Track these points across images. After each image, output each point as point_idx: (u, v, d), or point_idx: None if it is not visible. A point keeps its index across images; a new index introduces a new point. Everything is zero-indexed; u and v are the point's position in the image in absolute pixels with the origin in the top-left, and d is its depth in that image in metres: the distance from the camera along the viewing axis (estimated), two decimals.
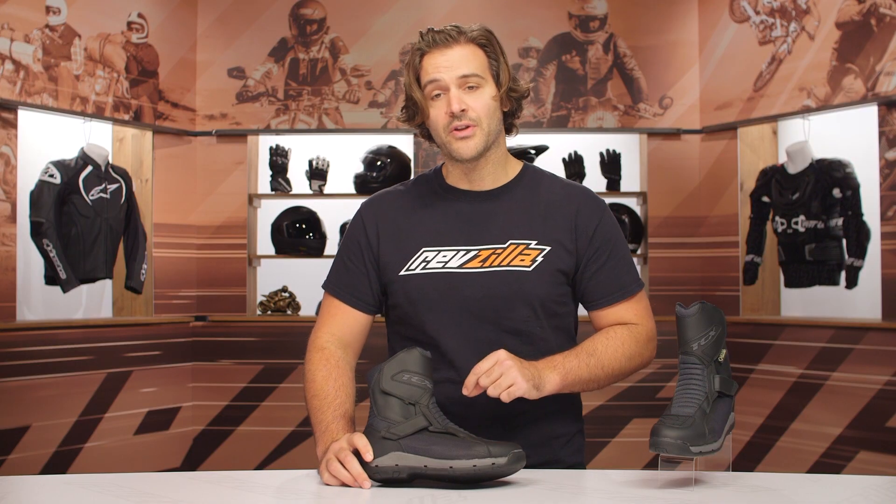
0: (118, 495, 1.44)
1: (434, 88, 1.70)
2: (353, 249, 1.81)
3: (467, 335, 1.71)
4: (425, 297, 1.72)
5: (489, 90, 1.71)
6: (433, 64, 1.70)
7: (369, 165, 4.77)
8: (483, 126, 1.70)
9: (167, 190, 4.81)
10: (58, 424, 4.15)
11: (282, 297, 4.86)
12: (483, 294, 1.70)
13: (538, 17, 4.91)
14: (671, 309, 1.58)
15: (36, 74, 4.18)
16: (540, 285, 1.71)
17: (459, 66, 1.69)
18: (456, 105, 1.68)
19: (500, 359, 1.55)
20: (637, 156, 4.99)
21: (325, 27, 4.95)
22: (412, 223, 1.78)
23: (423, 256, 1.74)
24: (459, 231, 1.75)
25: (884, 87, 4.02)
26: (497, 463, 1.45)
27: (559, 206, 1.76)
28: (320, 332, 1.79)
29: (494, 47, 1.73)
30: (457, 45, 1.70)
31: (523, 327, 1.72)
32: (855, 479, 1.59)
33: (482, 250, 1.73)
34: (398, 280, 1.75)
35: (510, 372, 1.53)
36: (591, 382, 1.67)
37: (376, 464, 1.47)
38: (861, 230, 4.14)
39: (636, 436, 4.56)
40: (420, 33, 1.74)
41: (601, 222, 1.76)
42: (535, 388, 1.56)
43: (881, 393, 3.90)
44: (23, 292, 4.27)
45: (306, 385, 1.72)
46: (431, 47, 1.71)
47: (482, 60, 1.71)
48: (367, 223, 1.81)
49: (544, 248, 1.73)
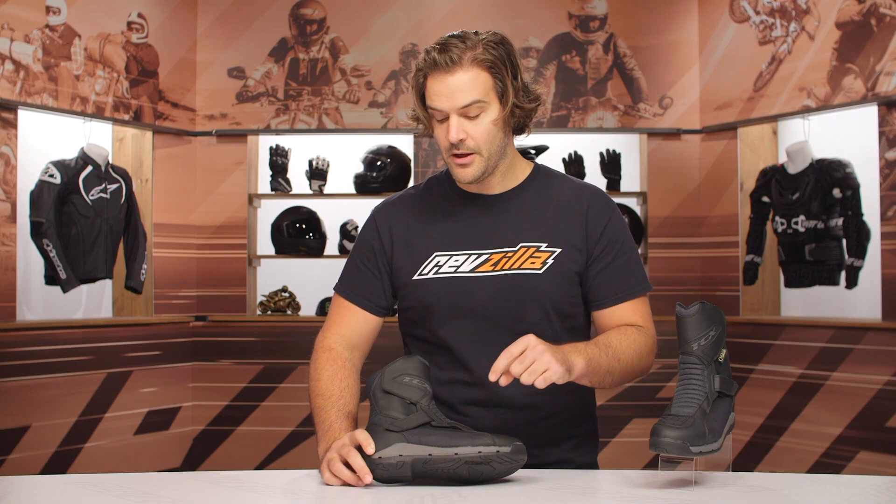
0: (118, 495, 1.44)
1: (436, 113, 1.68)
2: (366, 253, 1.82)
3: (480, 339, 1.71)
4: (437, 301, 1.73)
5: (492, 113, 1.67)
6: (434, 91, 1.66)
7: (369, 165, 4.77)
8: (483, 153, 1.69)
9: (167, 190, 4.81)
10: (58, 424, 4.15)
11: (282, 297, 4.86)
12: (495, 298, 1.71)
13: (538, 17, 4.91)
14: (671, 309, 1.58)
15: (36, 74, 4.18)
16: (551, 287, 1.72)
17: (459, 96, 1.64)
18: (454, 135, 1.66)
19: (530, 343, 1.50)
20: (637, 156, 4.99)
21: (325, 27, 4.95)
22: (424, 228, 1.78)
23: (435, 261, 1.75)
24: (471, 235, 1.75)
25: (884, 87, 4.02)
26: (501, 451, 1.46)
27: (570, 206, 1.76)
28: (329, 333, 1.79)
29: (501, 65, 1.65)
30: (459, 69, 1.64)
31: (536, 330, 1.71)
32: (855, 479, 1.59)
33: (493, 254, 1.73)
34: (411, 284, 1.76)
35: (543, 356, 1.49)
36: (608, 375, 1.64)
37: (379, 455, 1.47)
38: (861, 230, 4.14)
39: (636, 436, 4.56)
40: (425, 50, 1.68)
41: (610, 221, 1.76)
42: (567, 371, 1.52)
43: (881, 393, 3.90)
44: (23, 292, 4.27)
45: (311, 383, 1.72)
46: (434, 70, 1.65)
47: (485, 83, 1.65)
48: (380, 227, 1.81)
49: (555, 250, 1.73)
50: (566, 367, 1.52)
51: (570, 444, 1.78)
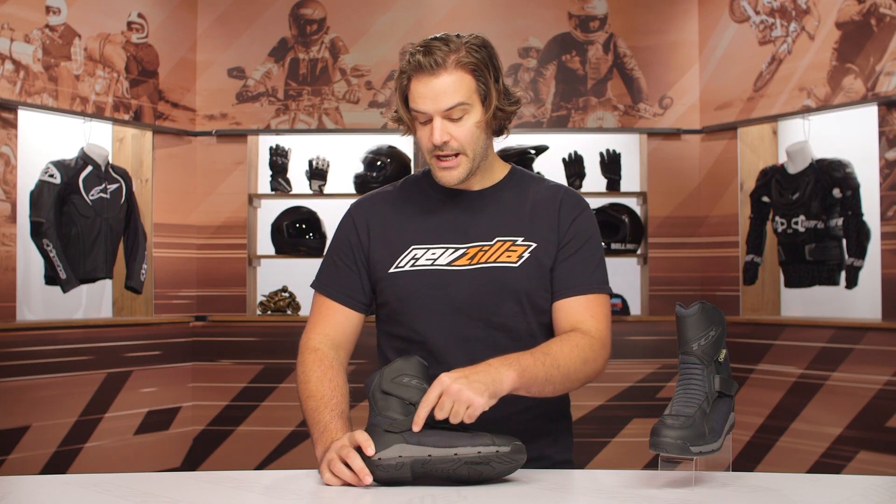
0: (118, 495, 1.44)
1: (420, 116, 1.70)
2: (343, 249, 1.82)
3: (456, 332, 1.72)
4: (414, 294, 1.74)
5: (475, 115, 1.69)
6: (418, 93, 1.68)
7: (369, 165, 4.77)
8: (468, 154, 1.71)
9: (167, 190, 4.81)
10: (58, 424, 4.15)
11: (282, 297, 4.86)
12: (471, 291, 1.72)
13: (538, 17, 4.91)
14: (671, 309, 1.58)
15: (36, 74, 4.18)
16: (526, 280, 1.73)
17: (443, 99, 1.66)
18: (438, 137, 1.68)
19: (444, 385, 1.48)
20: (637, 156, 4.99)
21: (325, 27, 4.95)
22: (401, 221, 1.80)
23: (412, 254, 1.76)
24: (448, 229, 1.77)
25: (884, 87, 4.02)
26: (501, 451, 1.46)
27: (545, 203, 1.79)
28: (312, 334, 1.80)
29: (484, 67, 1.68)
30: (443, 72, 1.65)
31: (511, 323, 1.73)
32: (855, 479, 1.59)
33: (470, 248, 1.75)
34: (387, 278, 1.77)
35: (461, 395, 1.47)
36: (548, 384, 1.61)
37: (379, 457, 1.47)
38: (861, 230, 4.14)
39: (636, 436, 4.56)
40: (408, 53, 1.70)
41: (579, 216, 1.78)
42: (491, 396, 1.50)
43: (881, 393, 3.90)
44: (23, 292, 4.27)
45: (300, 387, 1.73)
46: (418, 72, 1.67)
47: (469, 86, 1.67)
48: (357, 222, 1.83)
49: (531, 244, 1.75)
50: (491, 390, 1.50)
51: (547, 440, 1.78)
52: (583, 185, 4.84)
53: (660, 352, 4.57)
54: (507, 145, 4.77)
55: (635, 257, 4.88)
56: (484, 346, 1.71)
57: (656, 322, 4.62)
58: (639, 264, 4.97)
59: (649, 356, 4.57)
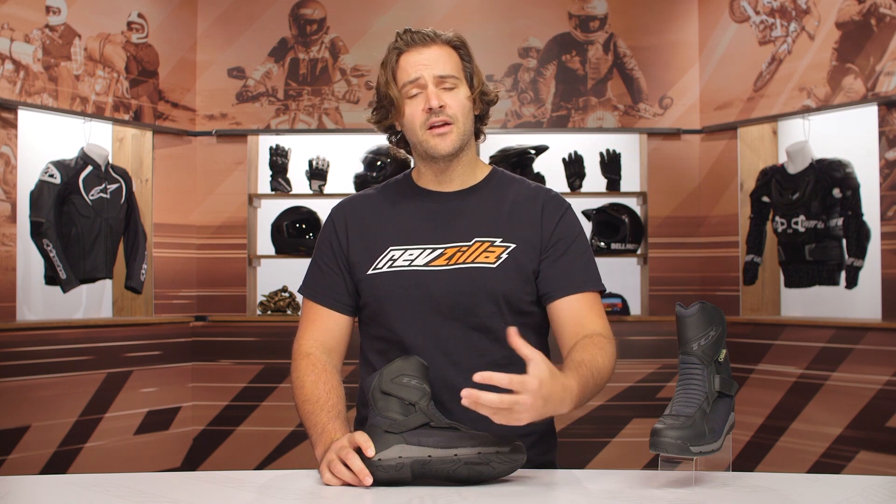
0: (118, 495, 1.44)
1: (412, 87, 1.74)
2: (325, 252, 1.84)
3: (434, 332, 1.72)
4: (391, 294, 1.74)
5: (464, 91, 1.76)
6: (412, 62, 1.74)
7: (369, 165, 4.77)
8: (459, 124, 1.75)
9: (167, 190, 4.81)
10: (58, 424, 4.15)
11: (282, 297, 4.86)
12: (448, 291, 1.72)
13: (538, 17, 4.91)
14: (671, 309, 1.58)
15: (36, 74, 4.18)
16: (504, 281, 1.72)
17: (437, 66, 1.74)
18: (434, 101, 1.72)
19: (535, 392, 1.38)
20: (637, 156, 4.99)
21: (325, 27, 4.95)
22: (380, 222, 1.81)
23: (389, 255, 1.76)
24: (426, 230, 1.77)
25: (884, 87, 4.02)
26: (500, 451, 1.46)
27: (525, 205, 1.79)
28: (303, 340, 1.80)
29: (468, 51, 1.79)
30: (434, 44, 1.75)
31: (489, 323, 1.72)
32: (855, 479, 1.59)
33: (448, 248, 1.75)
34: (366, 279, 1.77)
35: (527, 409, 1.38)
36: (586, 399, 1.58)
37: (379, 458, 1.47)
38: (861, 230, 4.14)
39: (636, 436, 4.56)
40: (397, 34, 1.78)
41: (563, 217, 1.79)
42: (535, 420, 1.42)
43: (881, 393, 3.90)
44: (23, 292, 4.27)
45: (296, 392, 1.73)
46: (409, 46, 1.75)
47: (457, 62, 1.77)
48: (337, 225, 1.84)
49: (510, 245, 1.75)
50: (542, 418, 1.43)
51: (528, 440, 1.75)
52: (583, 185, 4.85)
53: (660, 352, 4.57)
54: (507, 145, 4.78)
55: (635, 257, 4.88)
56: (462, 347, 1.71)
57: (656, 322, 4.62)
58: (639, 264, 4.97)
59: (649, 356, 4.57)
